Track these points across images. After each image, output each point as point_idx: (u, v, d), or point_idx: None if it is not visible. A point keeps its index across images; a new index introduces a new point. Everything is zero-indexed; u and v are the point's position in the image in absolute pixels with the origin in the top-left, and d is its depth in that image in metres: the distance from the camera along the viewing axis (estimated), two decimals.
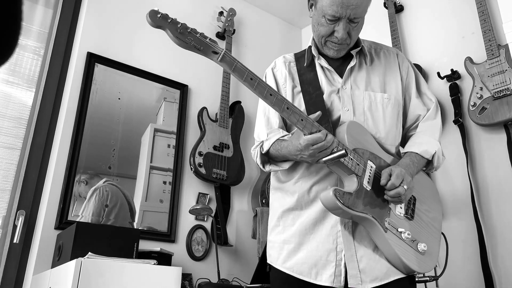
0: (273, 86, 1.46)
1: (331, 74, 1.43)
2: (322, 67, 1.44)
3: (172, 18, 1.17)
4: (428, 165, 1.41)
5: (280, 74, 1.48)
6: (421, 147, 1.38)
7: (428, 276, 1.31)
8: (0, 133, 2.33)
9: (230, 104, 2.95)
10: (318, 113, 1.21)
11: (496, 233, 2.24)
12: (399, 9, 2.98)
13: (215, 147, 2.78)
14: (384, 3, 2.98)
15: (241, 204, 2.93)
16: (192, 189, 2.74)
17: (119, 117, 2.60)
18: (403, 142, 1.48)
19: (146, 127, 2.69)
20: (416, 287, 1.36)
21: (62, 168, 2.31)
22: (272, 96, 1.19)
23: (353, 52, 1.42)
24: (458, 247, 2.34)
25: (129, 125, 2.62)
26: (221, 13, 3.20)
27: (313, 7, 1.39)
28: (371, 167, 1.28)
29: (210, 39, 1.21)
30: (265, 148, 1.35)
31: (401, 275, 1.27)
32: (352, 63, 1.42)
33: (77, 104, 2.45)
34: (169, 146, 2.74)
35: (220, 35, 3.18)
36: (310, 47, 1.48)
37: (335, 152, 1.19)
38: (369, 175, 1.26)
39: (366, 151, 1.29)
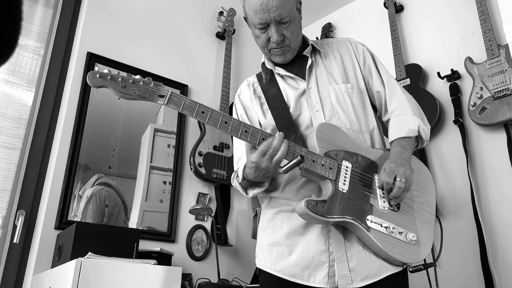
0: (242, 111, 1.47)
1: (294, 80, 1.43)
2: (282, 76, 1.45)
3: (111, 75, 1.14)
4: (418, 141, 1.39)
5: (245, 97, 1.49)
6: (403, 129, 1.35)
7: (421, 265, 1.29)
8: (0, 133, 2.33)
9: (230, 104, 2.95)
10: (280, 134, 1.19)
11: (496, 233, 2.24)
12: (399, 9, 2.98)
13: (215, 147, 2.78)
14: (384, 3, 2.98)
15: (241, 204, 2.93)
16: (192, 189, 2.74)
17: (119, 117, 2.60)
18: (384, 129, 1.46)
19: (146, 127, 2.69)
20: (406, 275, 1.33)
21: (62, 168, 2.31)
22: (227, 124, 1.19)
23: (306, 52, 1.44)
24: (458, 247, 2.34)
25: (129, 125, 2.62)
26: (221, 13, 3.20)
27: (248, 24, 1.43)
28: (347, 167, 1.26)
29: (154, 83, 1.17)
30: (240, 178, 1.33)
31: (393, 271, 1.26)
32: (309, 62, 1.43)
33: (77, 104, 2.45)
34: (169, 146, 2.74)
35: (220, 35, 3.18)
36: (263, 63, 1.50)
37: (292, 160, 1.17)
38: (345, 176, 1.25)
39: (340, 151, 1.27)
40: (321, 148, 1.26)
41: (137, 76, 1.17)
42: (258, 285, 2.20)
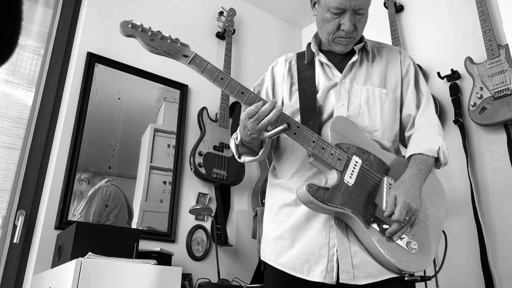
0: (270, 83, 1.49)
1: (331, 70, 1.42)
2: (321, 63, 1.44)
3: (143, 27, 1.21)
4: (436, 162, 1.37)
5: (278, 72, 1.50)
6: (422, 145, 1.33)
7: (418, 276, 1.26)
8: (0, 133, 2.33)
9: (230, 104, 2.95)
10: (272, 100, 1.20)
11: (496, 233, 2.24)
12: (399, 9, 2.98)
13: (215, 147, 2.78)
14: (384, 3, 2.98)
15: (241, 204, 2.93)
16: (192, 189, 2.74)
17: (119, 117, 2.60)
18: (403, 141, 1.46)
19: (146, 127, 2.69)
20: (412, 286, 1.31)
21: (62, 168, 2.31)
22: (243, 95, 1.21)
23: (356, 48, 1.42)
24: (458, 247, 2.34)
25: (129, 125, 2.62)
26: (221, 13, 3.20)
27: (316, 5, 1.39)
28: (356, 162, 1.26)
29: (181, 43, 1.24)
30: (238, 139, 1.34)
31: (394, 275, 1.24)
32: (354, 58, 1.41)
33: (77, 104, 2.45)
34: (169, 146, 2.74)
35: (220, 35, 3.18)
36: (309, 44, 1.48)
37: (278, 126, 1.20)
38: (353, 170, 1.25)
39: (353, 146, 1.27)
40: (333, 139, 1.26)
41: (167, 34, 1.23)
42: (258, 285, 2.20)
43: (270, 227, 1.38)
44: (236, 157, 1.41)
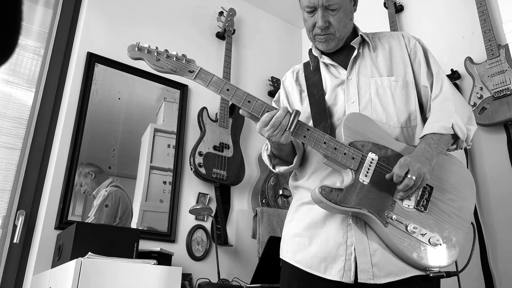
0: (284, 97, 1.51)
1: (336, 69, 1.43)
2: (326, 64, 1.45)
3: (149, 48, 1.26)
4: (456, 141, 1.33)
5: (288, 83, 1.53)
6: (435, 125, 1.29)
7: (444, 272, 1.22)
8: (0, 133, 2.33)
9: (230, 104, 2.95)
10: (284, 107, 1.22)
11: (496, 233, 2.24)
12: (399, 9, 2.98)
13: (215, 147, 2.78)
14: (384, 3, 2.98)
15: (241, 204, 2.93)
16: (192, 189, 2.74)
17: (119, 117, 2.60)
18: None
19: (146, 127, 2.69)
20: (436, 283, 1.26)
21: (62, 168, 2.31)
22: (250, 103, 1.22)
23: (354, 43, 1.42)
24: None
25: (129, 125, 2.62)
26: (221, 13, 3.20)
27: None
28: (372, 159, 1.24)
29: (186, 60, 1.27)
30: (269, 150, 1.37)
31: (417, 273, 1.21)
32: (354, 53, 1.41)
33: (77, 104, 2.45)
34: (169, 146, 2.74)
35: (220, 35, 3.18)
36: (310, 49, 1.50)
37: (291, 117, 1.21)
38: (368, 168, 1.23)
39: (368, 143, 1.25)
40: (347, 138, 1.25)
41: (173, 52, 1.27)
42: (258, 285, 2.20)
43: (289, 225, 1.39)
44: (271, 167, 1.42)
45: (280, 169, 1.39)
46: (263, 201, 2.87)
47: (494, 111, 2.26)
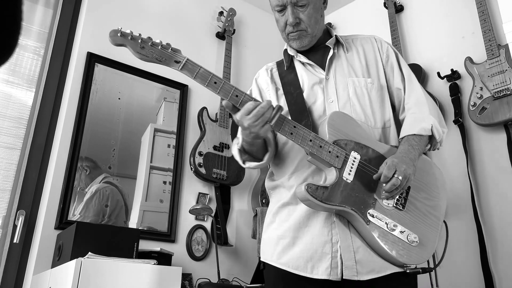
0: (257, 94, 1.48)
1: (313, 68, 1.43)
2: (302, 63, 1.45)
3: (132, 35, 1.19)
4: (431, 142, 1.37)
5: (261, 80, 1.51)
6: (415, 126, 1.33)
7: (420, 268, 1.26)
8: (0, 133, 2.33)
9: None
10: (267, 100, 1.21)
11: (496, 233, 2.24)
12: (399, 9, 2.98)
13: (215, 147, 2.78)
14: (384, 3, 2.98)
15: (241, 204, 2.93)
16: (192, 189, 2.74)
17: (119, 117, 2.60)
18: (399, 127, 1.45)
19: (146, 127, 2.69)
20: (414, 278, 1.30)
21: (62, 168, 2.31)
22: (238, 98, 1.20)
23: (329, 43, 1.43)
24: (458, 247, 2.34)
25: (129, 125, 2.62)
26: (221, 13, 3.20)
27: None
28: (355, 158, 1.26)
29: (172, 49, 1.21)
30: (239, 143, 1.34)
31: (397, 270, 1.24)
32: (330, 53, 1.42)
33: (77, 104, 2.45)
34: (169, 146, 2.74)
35: (220, 35, 3.18)
36: (285, 50, 1.50)
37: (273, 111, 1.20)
38: (351, 167, 1.25)
39: (351, 141, 1.27)
40: (331, 136, 1.26)
41: (157, 40, 1.21)
42: (258, 285, 2.20)
43: (271, 227, 1.38)
44: (240, 163, 1.40)
45: (250, 165, 1.38)
46: (263, 201, 2.87)
47: (494, 111, 2.26)
